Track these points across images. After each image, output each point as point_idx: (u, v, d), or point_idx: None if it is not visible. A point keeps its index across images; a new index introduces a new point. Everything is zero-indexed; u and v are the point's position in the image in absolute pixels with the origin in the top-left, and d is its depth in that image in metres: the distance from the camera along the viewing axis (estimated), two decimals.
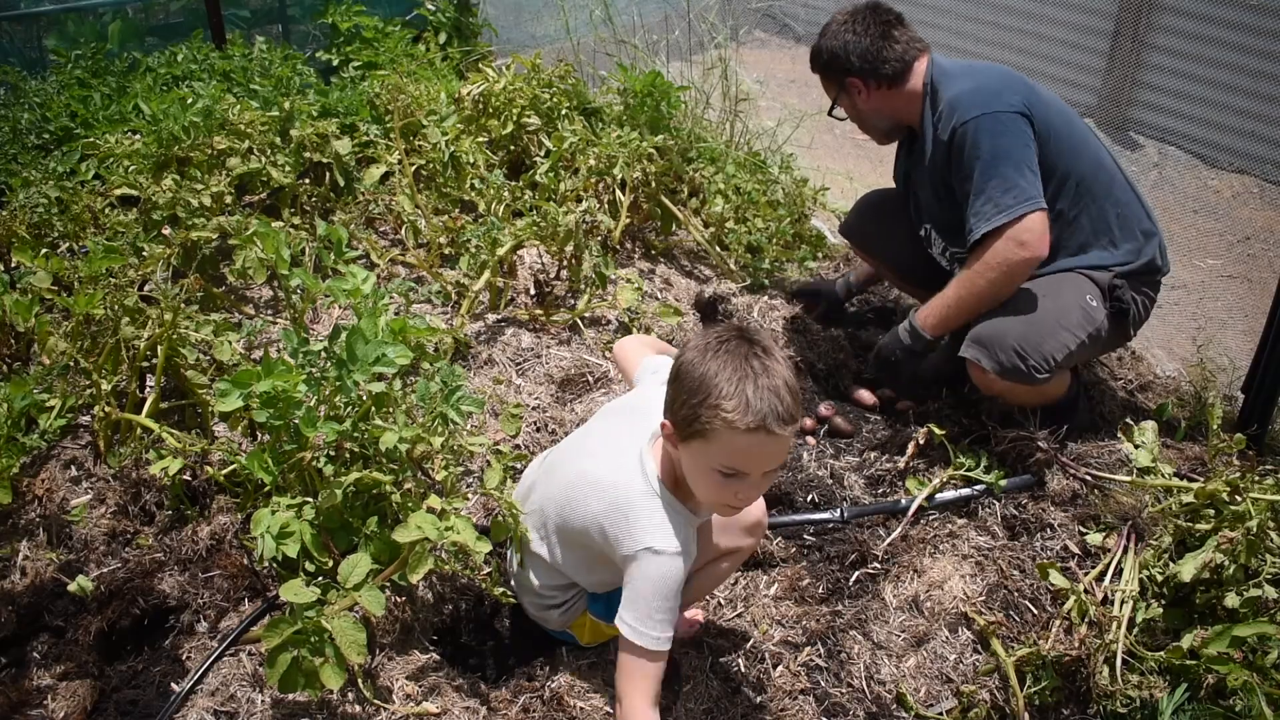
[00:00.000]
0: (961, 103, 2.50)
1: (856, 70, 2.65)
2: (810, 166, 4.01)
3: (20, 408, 2.08)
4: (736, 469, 1.66)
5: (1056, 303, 2.50)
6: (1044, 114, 2.51)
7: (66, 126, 3.57)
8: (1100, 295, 2.54)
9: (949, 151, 2.53)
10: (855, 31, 2.64)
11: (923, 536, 2.39)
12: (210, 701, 1.84)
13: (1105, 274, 2.56)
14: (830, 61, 2.70)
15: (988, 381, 2.51)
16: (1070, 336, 2.47)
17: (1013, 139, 2.44)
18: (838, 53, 2.67)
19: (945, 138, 2.53)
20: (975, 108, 2.47)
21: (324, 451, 2.01)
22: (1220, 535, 1.99)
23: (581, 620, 2.04)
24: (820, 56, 2.73)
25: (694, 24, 4.34)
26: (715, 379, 1.64)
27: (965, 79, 2.57)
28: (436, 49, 4.74)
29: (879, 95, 2.68)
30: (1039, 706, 1.99)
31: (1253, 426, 2.57)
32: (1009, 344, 2.43)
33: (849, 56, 2.65)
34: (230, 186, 3.17)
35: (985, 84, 2.53)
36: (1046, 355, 2.44)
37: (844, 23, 2.68)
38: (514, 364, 2.86)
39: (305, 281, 2.37)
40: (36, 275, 2.44)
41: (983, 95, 2.49)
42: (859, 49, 2.64)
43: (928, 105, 2.63)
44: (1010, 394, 2.53)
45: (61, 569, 2.07)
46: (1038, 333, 2.45)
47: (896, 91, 2.66)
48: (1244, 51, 4.62)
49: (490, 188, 3.27)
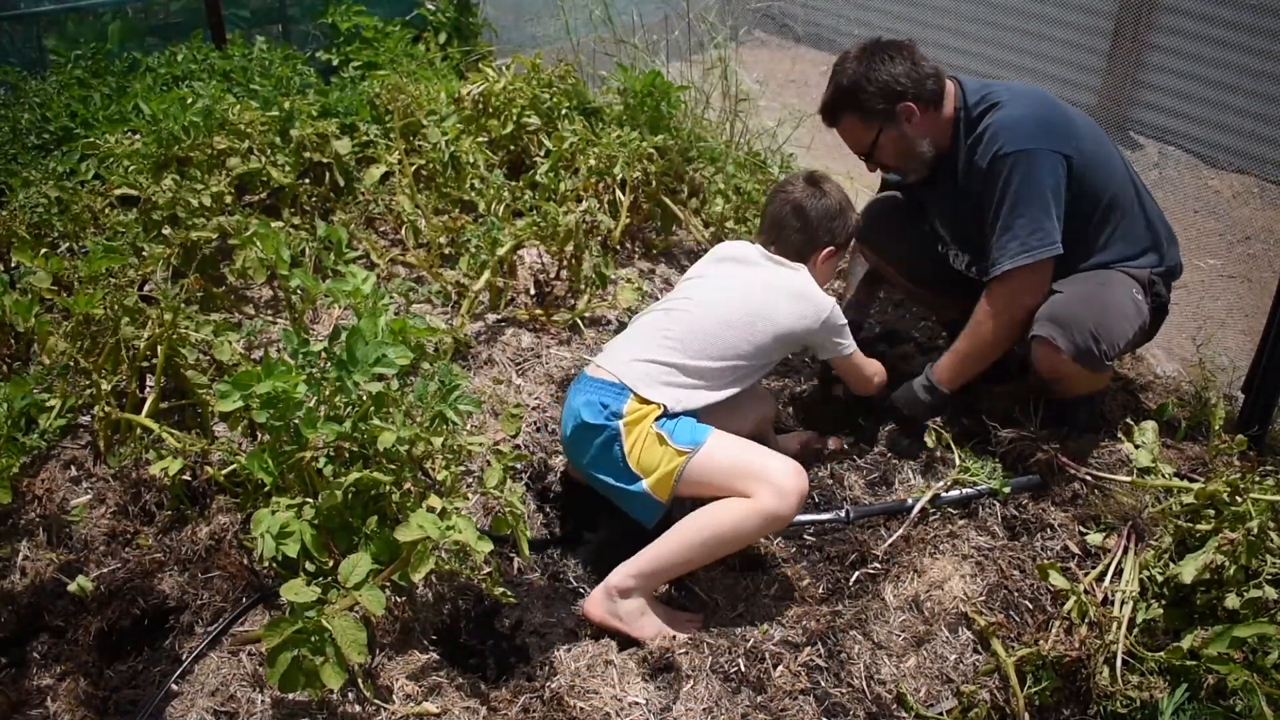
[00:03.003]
0: (1005, 132, 2.44)
1: (911, 94, 2.50)
2: (810, 166, 4.00)
3: (20, 408, 2.08)
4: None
5: (1114, 294, 2.49)
6: (1081, 146, 2.47)
7: (66, 126, 3.58)
8: (1143, 290, 2.55)
9: (986, 178, 2.48)
10: (886, 60, 2.50)
11: (923, 537, 2.39)
12: (210, 701, 1.84)
13: (1144, 271, 2.57)
14: (881, 91, 2.50)
15: (1057, 361, 2.43)
16: (1130, 326, 2.48)
17: (1047, 181, 2.41)
18: (887, 81, 2.49)
19: (984, 164, 2.47)
20: (1018, 141, 2.42)
21: (324, 452, 2.01)
22: (1221, 536, 1.99)
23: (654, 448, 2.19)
24: (863, 91, 2.52)
25: (694, 24, 4.34)
26: (845, 199, 2.56)
27: (1009, 105, 2.49)
28: (436, 49, 4.75)
29: (928, 120, 2.56)
30: (1039, 707, 1.99)
31: (1253, 427, 2.57)
32: (1087, 327, 2.39)
33: (898, 80, 2.49)
34: (230, 186, 3.17)
35: (1028, 115, 2.47)
36: (1115, 342, 2.43)
37: (868, 58, 2.52)
38: (514, 364, 2.86)
39: (305, 282, 2.37)
40: (36, 275, 2.44)
41: (1027, 130, 2.44)
42: (903, 71, 2.49)
43: (961, 129, 2.57)
44: (1070, 378, 2.49)
45: (61, 569, 2.07)
46: (1109, 319, 2.43)
47: (939, 114, 2.57)
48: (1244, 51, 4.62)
49: (490, 188, 3.28)
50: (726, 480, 2.12)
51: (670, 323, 2.34)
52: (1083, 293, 2.48)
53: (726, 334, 2.31)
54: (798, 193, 2.51)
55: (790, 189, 2.53)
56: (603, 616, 2.14)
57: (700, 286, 2.47)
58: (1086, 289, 2.49)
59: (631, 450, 2.17)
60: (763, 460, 2.15)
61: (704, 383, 2.29)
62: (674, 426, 2.19)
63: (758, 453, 2.18)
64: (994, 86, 2.57)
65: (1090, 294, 2.48)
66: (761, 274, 2.45)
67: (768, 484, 2.08)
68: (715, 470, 2.13)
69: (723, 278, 2.49)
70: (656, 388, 2.23)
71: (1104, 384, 2.61)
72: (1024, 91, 2.56)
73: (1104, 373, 2.50)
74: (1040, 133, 2.44)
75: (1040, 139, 2.43)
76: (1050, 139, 2.43)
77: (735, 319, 2.33)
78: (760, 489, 2.08)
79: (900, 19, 5.68)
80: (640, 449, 2.16)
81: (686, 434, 2.18)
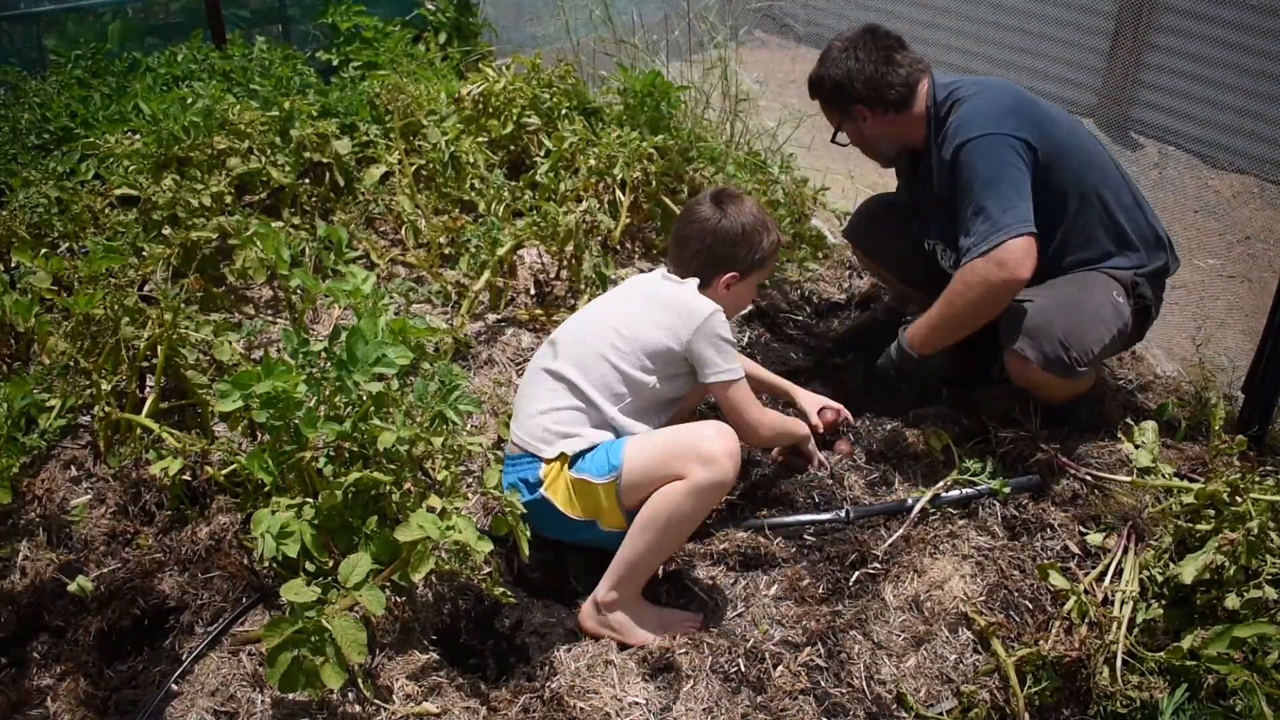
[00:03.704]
0: (966, 123, 2.48)
1: (863, 98, 2.60)
2: (810, 166, 4.00)
3: (20, 407, 2.08)
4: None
5: (1091, 297, 2.49)
6: (1052, 133, 2.48)
7: (66, 126, 3.58)
8: (1125, 292, 2.55)
9: (952, 170, 2.50)
10: (858, 59, 2.58)
11: (923, 537, 2.39)
12: (210, 701, 1.84)
13: (1126, 273, 2.57)
14: (835, 90, 2.63)
15: (1028, 372, 2.46)
16: (1105, 331, 2.48)
17: (1011, 161, 2.42)
18: (842, 81, 2.60)
19: (948, 157, 2.51)
20: (977, 128, 2.45)
21: (324, 452, 2.02)
22: (1221, 536, 1.99)
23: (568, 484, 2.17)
24: (823, 85, 2.66)
25: (694, 24, 4.34)
26: (756, 222, 2.35)
27: (972, 99, 2.53)
28: (436, 49, 4.75)
29: (885, 121, 2.64)
30: (1039, 707, 1.99)
31: (1253, 427, 2.57)
32: (1055, 335, 2.41)
33: (853, 84, 2.59)
34: (230, 186, 3.17)
35: (990, 104, 2.50)
36: (1088, 348, 2.43)
37: (845, 50, 2.60)
38: (514, 364, 2.86)
39: (305, 282, 2.37)
40: (36, 275, 2.44)
41: (987, 117, 2.46)
42: (863, 76, 2.58)
43: (932, 126, 2.60)
44: (1045, 386, 2.51)
45: (61, 569, 2.07)
46: (1080, 326, 2.44)
47: (902, 116, 2.62)
48: (1244, 51, 4.62)
49: (490, 188, 3.28)
50: (662, 474, 2.10)
51: (555, 361, 2.27)
52: (1056, 297, 2.49)
53: (600, 365, 2.23)
54: (701, 213, 2.37)
55: (695, 208, 2.41)
56: (595, 628, 2.15)
57: (578, 316, 2.41)
58: (1061, 293, 2.50)
59: (568, 505, 2.16)
60: (683, 439, 2.12)
61: (603, 415, 2.22)
62: (587, 463, 2.16)
63: (673, 433, 2.17)
64: (961, 82, 2.60)
65: (1064, 299, 2.48)
66: (640, 292, 2.36)
67: (694, 459, 2.06)
68: (646, 474, 2.10)
69: (601, 302, 2.42)
70: (557, 442, 2.18)
71: (1084, 387, 2.59)
72: (990, 84, 2.59)
73: (1079, 379, 2.48)
74: (1000, 118, 2.46)
75: (1000, 124, 2.45)
76: (1009, 124, 2.45)
77: (606, 345, 2.25)
78: (689, 467, 2.07)
79: (900, 19, 5.67)
80: (574, 500, 2.16)
81: (601, 463, 2.14)
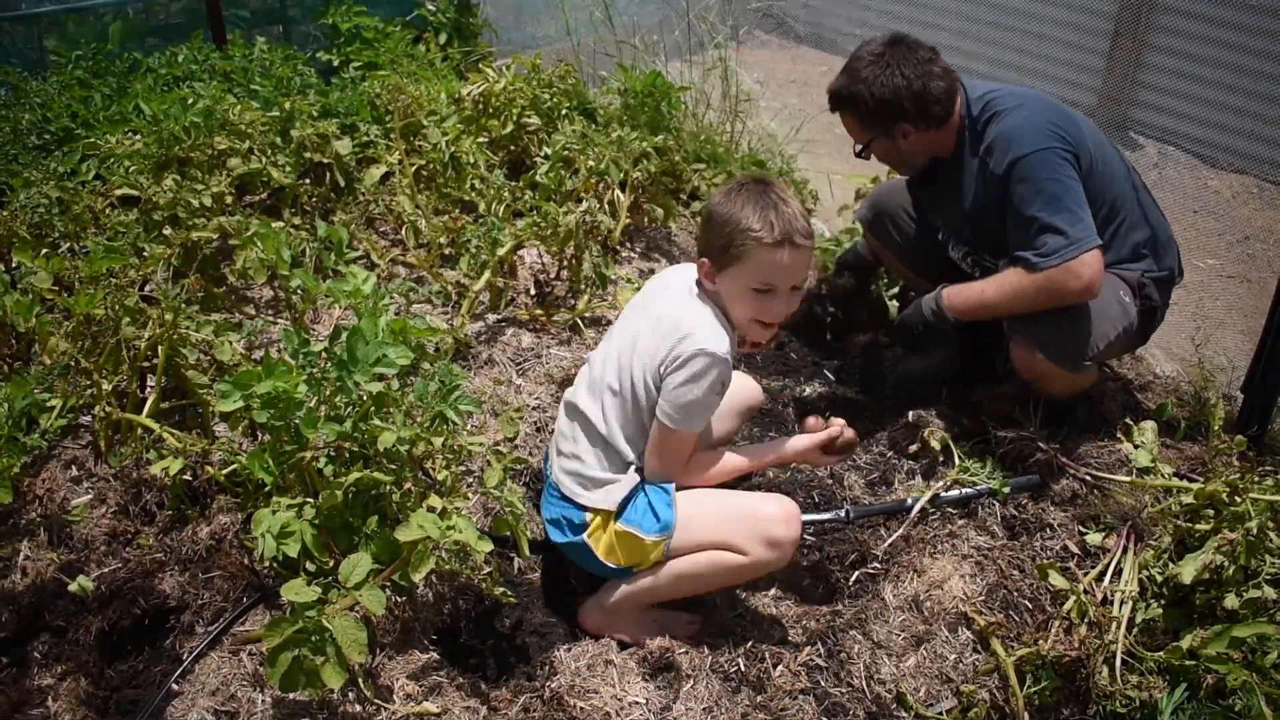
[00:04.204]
0: (1018, 137, 2.45)
1: (911, 116, 2.52)
2: (811, 166, 4.01)
3: (21, 407, 2.08)
4: (769, 284, 1.98)
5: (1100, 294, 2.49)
6: (1085, 145, 2.48)
7: (67, 127, 3.58)
8: (1132, 292, 2.56)
9: (1005, 183, 2.46)
10: (904, 75, 2.48)
11: (923, 536, 2.39)
12: (211, 701, 1.84)
13: (1135, 274, 2.58)
14: (879, 109, 2.52)
15: (1033, 362, 2.48)
16: (1111, 327, 2.49)
17: (1068, 174, 2.41)
18: (889, 100, 2.50)
19: (1000, 170, 2.46)
20: (1030, 143, 2.42)
21: (324, 451, 2.02)
22: (1220, 536, 1.99)
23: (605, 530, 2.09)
24: (862, 102, 2.54)
25: (694, 24, 4.34)
26: (742, 210, 1.96)
27: (1015, 112, 2.49)
28: (437, 49, 4.75)
29: (925, 137, 2.58)
30: (1039, 706, 1.99)
31: (1252, 427, 2.57)
32: (1064, 327, 2.43)
33: (901, 103, 2.49)
34: (231, 187, 3.17)
35: (1037, 118, 2.47)
36: (1093, 343, 2.45)
37: (883, 65, 2.50)
38: (514, 364, 2.87)
39: (306, 282, 2.37)
40: (37, 275, 2.44)
41: (1039, 131, 2.44)
42: (911, 94, 2.49)
43: (966, 137, 2.57)
44: (1049, 378, 2.51)
45: (62, 569, 2.07)
46: (1085, 320, 2.45)
47: (942, 130, 2.58)
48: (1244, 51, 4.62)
49: (490, 188, 3.27)
50: (718, 542, 2.04)
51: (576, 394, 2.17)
52: None
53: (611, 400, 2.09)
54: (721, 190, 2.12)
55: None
56: (596, 626, 2.15)
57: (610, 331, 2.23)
58: None
59: (610, 554, 2.10)
60: (748, 515, 2.04)
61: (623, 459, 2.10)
62: (638, 517, 2.07)
63: (736, 505, 2.08)
64: (997, 94, 2.56)
65: None
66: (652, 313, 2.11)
67: (760, 541, 2.00)
68: (701, 541, 2.04)
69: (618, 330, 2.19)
70: (593, 491, 2.09)
71: (1087, 384, 2.61)
72: (1027, 96, 2.57)
73: (1083, 373, 2.50)
74: (1051, 132, 2.45)
75: (1052, 138, 2.44)
76: (1060, 138, 2.45)
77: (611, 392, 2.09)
78: (752, 546, 2.01)
79: (900, 19, 5.67)
80: (619, 551, 2.09)
81: (649, 519, 2.06)
